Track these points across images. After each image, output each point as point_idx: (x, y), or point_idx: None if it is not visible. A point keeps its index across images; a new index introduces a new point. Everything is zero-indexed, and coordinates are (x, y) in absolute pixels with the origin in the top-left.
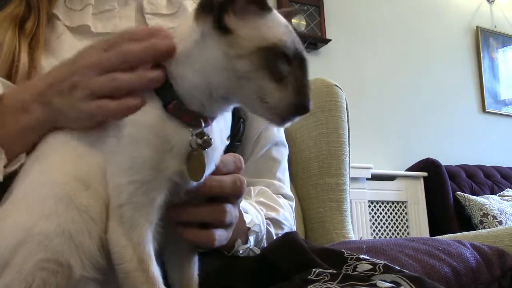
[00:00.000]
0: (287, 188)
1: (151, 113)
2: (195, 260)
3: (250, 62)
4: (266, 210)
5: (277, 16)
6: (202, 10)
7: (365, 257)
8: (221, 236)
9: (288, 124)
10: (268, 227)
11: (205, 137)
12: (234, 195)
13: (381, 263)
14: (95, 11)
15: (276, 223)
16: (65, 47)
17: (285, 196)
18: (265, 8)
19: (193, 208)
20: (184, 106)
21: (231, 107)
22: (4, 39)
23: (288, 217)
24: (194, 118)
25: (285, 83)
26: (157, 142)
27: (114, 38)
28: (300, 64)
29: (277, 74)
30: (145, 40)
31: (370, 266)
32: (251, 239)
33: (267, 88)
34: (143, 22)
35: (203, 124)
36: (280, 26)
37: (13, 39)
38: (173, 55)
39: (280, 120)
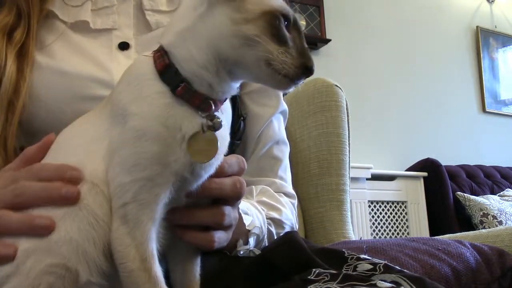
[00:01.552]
0: (289, 186)
1: (158, 103)
2: (198, 261)
3: (256, 25)
4: (267, 210)
5: None
6: None
7: (366, 257)
8: (220, 238)
9: (293, 87)
10: (269, 227)
11: (215, 119)
12: (234, 197)
13: (381, 263)
14: (93, 7)
15: (278, 223)
16: (67, 45)
17: (287, 194)
18: None
19: (192, 211)
20: (193, 88)
21: (237, 86)
22: None
23: (289, 216)
24: (204, 101)
25: (288, 46)
26: (166, 133)
27: (19, 173)
28: (297, 30)
29: (281, 37)
30: (51, 178)
31: (370, 266)
32: (251, 240)
33: (273, 51)
34: (143, 18)
35: (213, 107)
36: None
37: (1, 49)
38: (76, 202)
39: (287, 82)
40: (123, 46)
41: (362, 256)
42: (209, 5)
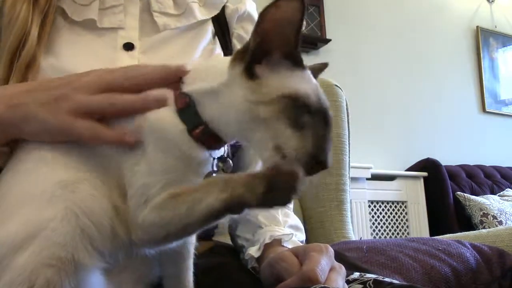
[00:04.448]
0: None
1: (172, 131)
2: (190, 265)
3: (271, 109)
4: (295, 231)
5: (309, 75)
6: (239, 55)
7: (355, 277)
8: None
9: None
10: None
11: (226, 162)
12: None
13: (370, 279)
14: (101, 6)
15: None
16: (71, 44)
17: None
18: (299, 65)
19: None
20: (210, 131)
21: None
22: (19, 11)
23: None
24: (216, 141)
25: (304, 133)
26: (183, 157)
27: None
28: (323, 119)
29: (297, 122)
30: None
31: (360, 286)
32: None
33: (285, 135)
34: (148, 20)
35: (225, 149)
36: (307, 82)
37: (28, 13)
38: (185, 74)
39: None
40: (128, 46)
41: (352, 277)
42: (230, 79)
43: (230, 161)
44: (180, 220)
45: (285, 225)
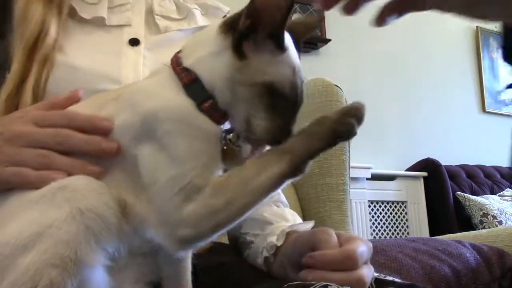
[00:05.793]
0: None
1: (184, 109)
2: (189, 265)
3: (249, 91)
4: None
5: (289, 57)
6: (227, 27)
7: None
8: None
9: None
10: None
11: (233, 134)
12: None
13: (372, 279)
14: (109, 5)
15: None
16: (72, 39)
17: (283, 204)
18: (281, 47)
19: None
20: (218, 105)
21: None
22: (35, 9)
23: None
24: (222, 116)
25: (274, 116)
26: (202, 135)
27: (52, 115)
28: (293, 103)
29: (269, 106)
30: (87, 130)
31: None
32: None
33: (257, 115)
34: (152, 22)
35: (231, 123)
36: (286, 68)
37: (43, 9)
38: (115, 155)
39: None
40: (134, 42)
41: None
42: (219, 50)
43: (237, 133)
44: (237, 202)
45: (294, 222)
